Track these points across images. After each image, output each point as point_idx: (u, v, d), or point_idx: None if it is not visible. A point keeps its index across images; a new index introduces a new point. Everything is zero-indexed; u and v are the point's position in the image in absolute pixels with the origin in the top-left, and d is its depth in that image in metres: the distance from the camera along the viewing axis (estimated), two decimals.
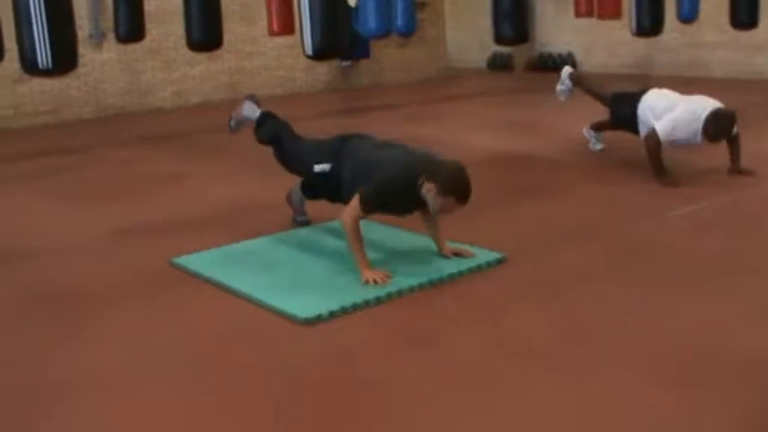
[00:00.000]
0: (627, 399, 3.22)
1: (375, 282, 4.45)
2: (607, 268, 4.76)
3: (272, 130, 5.64)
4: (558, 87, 8.24)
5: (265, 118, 5.74)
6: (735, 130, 6.65)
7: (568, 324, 3.98)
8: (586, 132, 8.08)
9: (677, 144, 6.68)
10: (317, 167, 5.12)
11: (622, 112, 7.29)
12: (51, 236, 5.87)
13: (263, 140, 5.69)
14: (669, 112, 6.65)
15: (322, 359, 3.68)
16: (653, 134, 6.58)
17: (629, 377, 3.40)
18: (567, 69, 8.26)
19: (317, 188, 5.31)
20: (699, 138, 6.54)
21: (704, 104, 6.59)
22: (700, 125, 6.47)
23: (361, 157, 4.90)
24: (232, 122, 5.97)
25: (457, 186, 4.46)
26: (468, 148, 8.49)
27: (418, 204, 4.65)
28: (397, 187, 4.59)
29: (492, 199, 6.42)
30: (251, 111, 5.82)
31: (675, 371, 3.45)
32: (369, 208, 4.61)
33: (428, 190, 4.47)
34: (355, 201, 4.61)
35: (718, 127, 6.48)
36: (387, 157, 4.80)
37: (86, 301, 4.53)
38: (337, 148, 5.13)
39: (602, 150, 7.92)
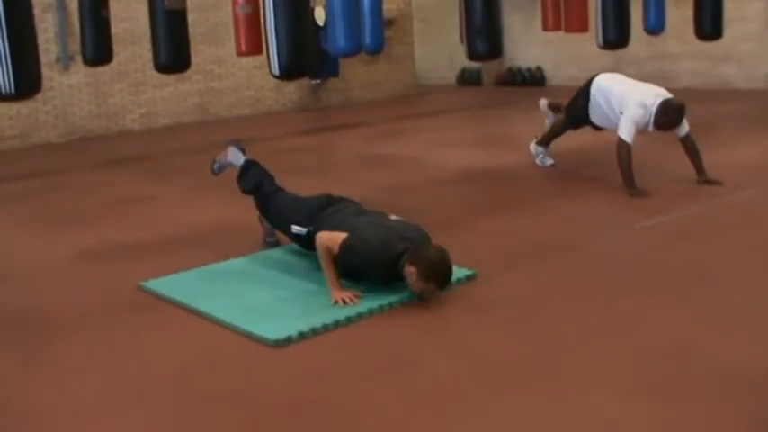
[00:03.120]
0: (601, 414, 3.22)
1: (344, 302, 4.44)
2: (577, 282, 4.76)
3: (254, 181, 5.64)
4: (546, 120, 8.29)
5: (249, 166, 5.74)
6: (685, 127, 6.76)
7: (539, 340, 3.97)
8: (533, 148, 8.12)
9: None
10: (295, 228, 5.16)
11: (578, 103, 7.49)
12: (19, 261, 5.81)
13: (245, 190, 5.69)
14: (622, 104, 6.83)
15: (292, 382, 3.65)
16: (623, 145, 6.65)
17: (602, 392, 3.39)
18: (543, 103, 8.32)
19: (290, 239, 5.33)
20: (651, 127, 6.75)
21: (655, 96, 6.77)
22: (651, 116, 6.68)
23: (336, 222, 4.87)
24: (215, 166, 5.96)
25: (438, 274, 4.44)
26: (437, 165, 8.51)
27: (394, 278, 4.59)
28: (379, 255, 4.54)
29: (461, 215, 6.43)
30: (235, 157, 5.84)
31: (648, 384, 3.45)
32: (346, 251, 4.55)
33: (410, 273, 4.43)
34: (339, 236, 4.59)
35: (669, 118, 6.69)
36: (368, 226, 4.76)
37: (54, 326, 4.47)
38: (315, 213, 5.10)
39: (552, 166, 7.96)
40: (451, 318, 4.34)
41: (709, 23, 10.38)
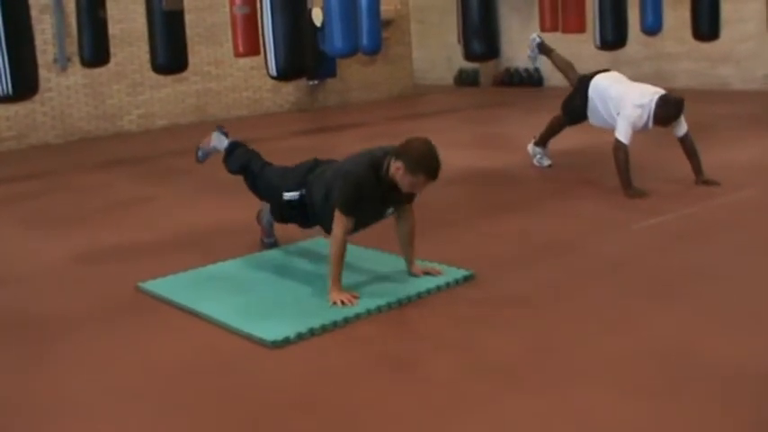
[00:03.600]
0: (602, 414, 3.22)
1: (342, 303, 4.43)
2: (576, 283, 4.76)
3: (240, 160, 5.57)
4: (528, 54, 8.56)
5: (234, 147, 5.68)
6: (684, 126, 6.79)
7: (539, 341, 3.97)
8: (531, 149, 8.12)
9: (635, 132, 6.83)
10: (287, 195, 5.08)
11: (574, 102, 7.49)
12: (17, 262, 5.80)
13: (231, 170, 5.64)
14: (620, 105, 6.82)
15: (290, 383, 3.65)
16: (620, 146, 6.64)
17: (602, 392, 3.39)
18: (535, 38, 8.38)
19: (286, 214, 5.26)
20: (650, 124, 6.75)
21: (652, 94, 6.77)
22: (651, 112, 6.68)
23: (329, 174, 4.88)
24: (199, 153, 5.91)
25: (426, 163, 4.41)
26: None
27: (392, 195, 4.62)
28: (364, 177, 4.54)
29: (459, 216, 6.43)
30: (219, 141, 5.78)
31: (649, 383, 3.45)
32: (348, 210, 4.54)
33: (396, 169, 4.44)
34: (337, 215, 4.58)
35: (667, 112, 6.69)
36: (350, 160, 4.82)
37: (52, 327, 4.47)
38: (305, 175, 5.09)
39: (550, 166, 7.96)
40: (450, 318, 4.33)
41: (706, 24, 10.40)
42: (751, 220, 5.93)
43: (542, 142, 8.02)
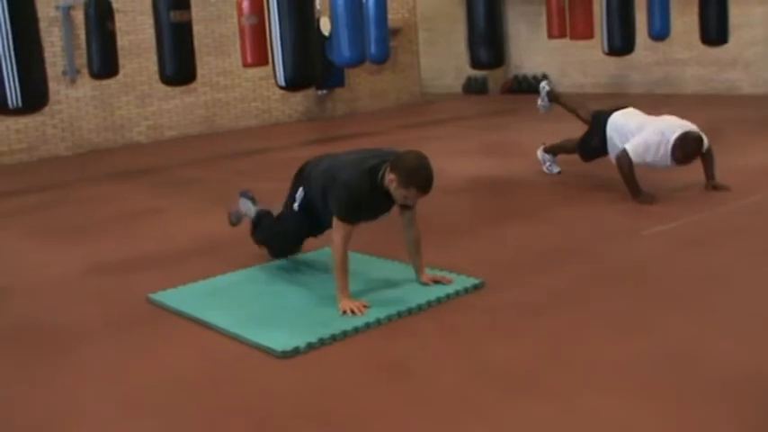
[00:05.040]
0: (612, 421, 3.20)
1: (352, 312, 4.44)
2: (586, 290, 4.75)
3: (266, 235, 5.59)
4: (539, 102, 8.38)
5: (261, 219, 5.71)
6: (705, 146, 6.66)
7: (549, 348, 3.96)
8: (540, 155, 8.10)
9: (648, 167, 6.69)
10: (296, 202, 5.17)
11: (591, 144, 7.31)
12: (27, 274, 5.82)
13: (258, 242, 5.62)
14: (639, 132, 6.68)
15: (300, 393, 3.65)
16: (624, 154, 6.59)
17: (613, 399, 3.38)
18: (544, 87, 8.31)
19: (301, 227, 5.30)
20: (668, 161, 6.56)
21: (672, 127, 6.59)
22: (669, 148, 6.48)
23: (322, 169, 4.95)
24: (233, 218, 5.90)
25: (418, 177, 4.47)
26: (445, 174, 8.49)
27: (388, 200, 4.69)
28: (360, 186, 4.60)
29: (469, 224, 6.43)
30: (245, 207, 5.79)
31: (659, 389, 3.43)
32: (349, 217, 4.61)
33: (390, 181, 4.51)
34: (335, 222, 4.63)
35: (685, 150, 6.50)
36: (345, 160, 4.86)
37: (63, 339, 4.48)
38: (300, 175, 5.21)
39: (559, 173, 7.94)
40: (460, 326, 4.33)
41: (714, 29, 10.40)
42: (761, 226, 5.90)
43: (552, 152, 7.99)
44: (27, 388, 3.89)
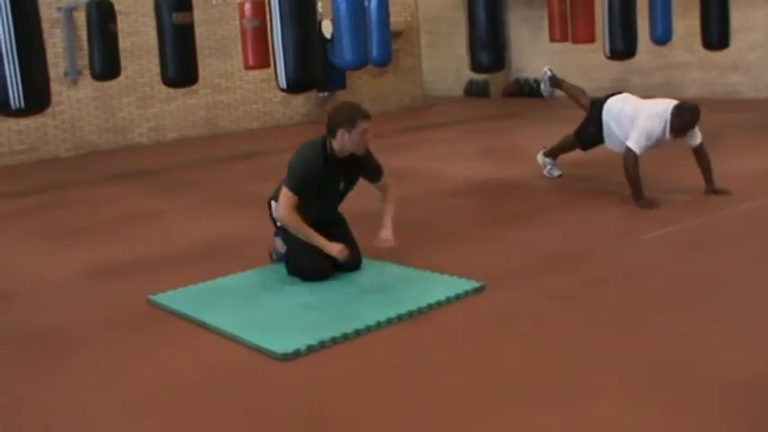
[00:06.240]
0: (613, 425, 3.20)
1: (343, 252, 4.96)
2: (586, 294, 4.75)
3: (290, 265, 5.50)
4: (542, 87, 8.54)
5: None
6: (698, 137, 6.71)
7: (550, 351, 3.96)
8: (541, 159, 8.11)
9: (652, 147, 6.75)
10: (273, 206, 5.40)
11: (589, 132, 7.39)
12: (28, 276, 5.82)
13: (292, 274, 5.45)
14: (635, 119, 6.77)
15: (301, 395, 3.65)
16: (630, 154, 6.61)
17: (614, 403, 3.38)
18: (546, 72, 8.36)
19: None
20: (667, 135, 6.68)
21: (667, 103, 6.73)
22: (667, 122, 6.63)
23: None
24: (274, 256, 5.66)
25: (353, 111, 5.00)
26: (445, 177, 8.51)
27: (342, 171, 5.11)
28: (307, 157, 5.05)
29: (469, 227, 6.43)
30: (281, 245, 5.60)
31: (661, 394, 3.43)
32: (296, 187, 4.99)
33: (342, 137, 4.97)
34: (282, 191, 5.04)
35: (683, 119, 6.62)
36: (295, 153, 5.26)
37: (64, 341, 4.48)
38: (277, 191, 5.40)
39: (560, 176, 7.95)
40: (460, 330, 4.33)
41: (716, 33, 10.39)
42: (762, 231, 5.90)
43: (552, 155, 8.00)
44: (27, 391, 3.89)
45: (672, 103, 6.72)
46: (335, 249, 5.01)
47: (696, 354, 3.83)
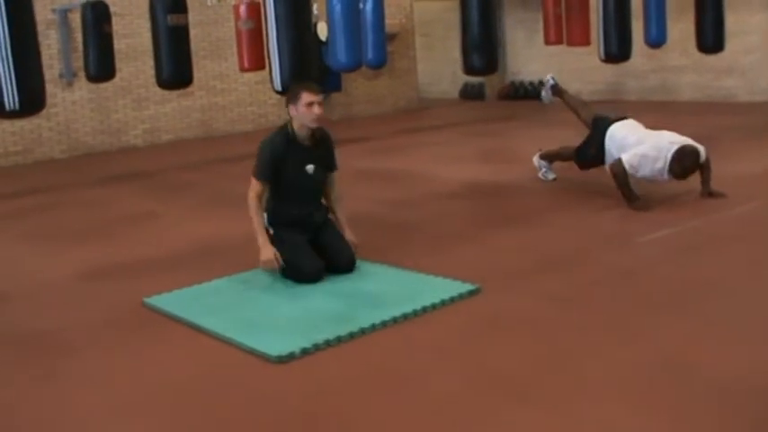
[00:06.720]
0: (611, 428, 3.19)
1: (270, 264, 5.08)
2: (582, 296, 4.75)
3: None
4: (542, 94, 8.43)
5: None
6: (703, 158, 6.66)
7: (546, 355, 3.95)
8: (536, 161, 8.09)
9: (645, 180, 6.70)
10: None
11: (589, 153, 7.29)
12: (23, 278, 5.81)
13: (286, 276, 5.44)
14: (639, 143, 6.67)
15: (295, 397, 3.64)
16: (618, 163, 6.59)
17: (610, 406, 3.37)
18: (548, 81, 8.29)
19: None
20: (665, 175, 6.56)
21: (671, 142, 6.58)
22: (666, 163, 6.48)
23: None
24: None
25: (296, 88, 5.27)
26: (441, 180, 8.51)
27: (307, 153, 5.27)
28: (273, 140, 5.27)
29: (464, 230, 6.43)
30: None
31: (656, 397, 3.43)
32: (259, 172, 5.22)
33: (292, 111, 5.21)
34: (252, 181, 5.25)
35: (684, 165, 6.50)
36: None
37: (58, 343, 4.47)
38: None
39: (554, 180, 7.94)
40: (456, 333, 4.32)
41: (711, 36, 10.42)
42: (757, 233, 5.91)
43: (548, 159, 7.99)
44: (22, 392, 3.88)
45: (675, 142, 6.55)
46: (264, 256, 5.13)
47: (693, 355, 3.83)
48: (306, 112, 5.17)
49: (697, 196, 6.84)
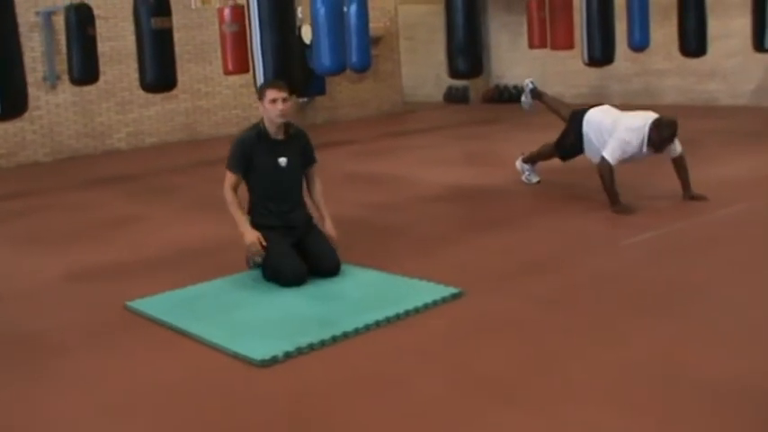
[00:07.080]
0: (596, 429, 3.20)
1: (255, 246, 5.17)
2: (565, 299, 4.76)
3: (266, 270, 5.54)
4: (522, 99, 8.47)
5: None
6: (678, 147, 6.73)
7: (529, 357, 3.96)
8: (519, 165, 8.12)
9: (630, 161, 6.76)
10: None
11: (568, 142, 7.37)
12: (5, 281, 5.77)
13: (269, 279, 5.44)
14: (613, 131, 6.75)
15: (278, 402, 3.64)
16: (604, 163, 6.63)
17: (596, 408, 3.38)
18: (528, 85, 8.34)
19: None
20: (644, 149, 6.66)
21: (645, 118, 6.71)
22: (644, 137, 6.60)
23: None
24: (251, 263, 5.65)
25: (262, 86, 5.59)
26: (424, 183, 8.52)
27: (279, 147, 5.43)
28: (243, 134, 5.55)
29: (448, 233, 6.43)
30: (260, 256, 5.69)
31: (642, 398, 3.44)
32: (231, 165, 5.41)
33: (261, 109, 5.44)
34: (227, 174, 5.42)
35: (661, 134, 6.59)
36: None
37: (42, 346, 4.45)
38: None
39: (538, 183, 7.97)
40: (440, 335, 4.32)
41: (693, 40, 10.48)
42: (739, 236, 5.94)
43: (531, 161, 8.02)
44: (5, 395, 3.86)
45: (650, 117, 6.70)
46: (248, 240, 5.24)
47: (678, 357, 3.85)
48: (270, 108, 5.35)
49: (679, 200, 6.87)
